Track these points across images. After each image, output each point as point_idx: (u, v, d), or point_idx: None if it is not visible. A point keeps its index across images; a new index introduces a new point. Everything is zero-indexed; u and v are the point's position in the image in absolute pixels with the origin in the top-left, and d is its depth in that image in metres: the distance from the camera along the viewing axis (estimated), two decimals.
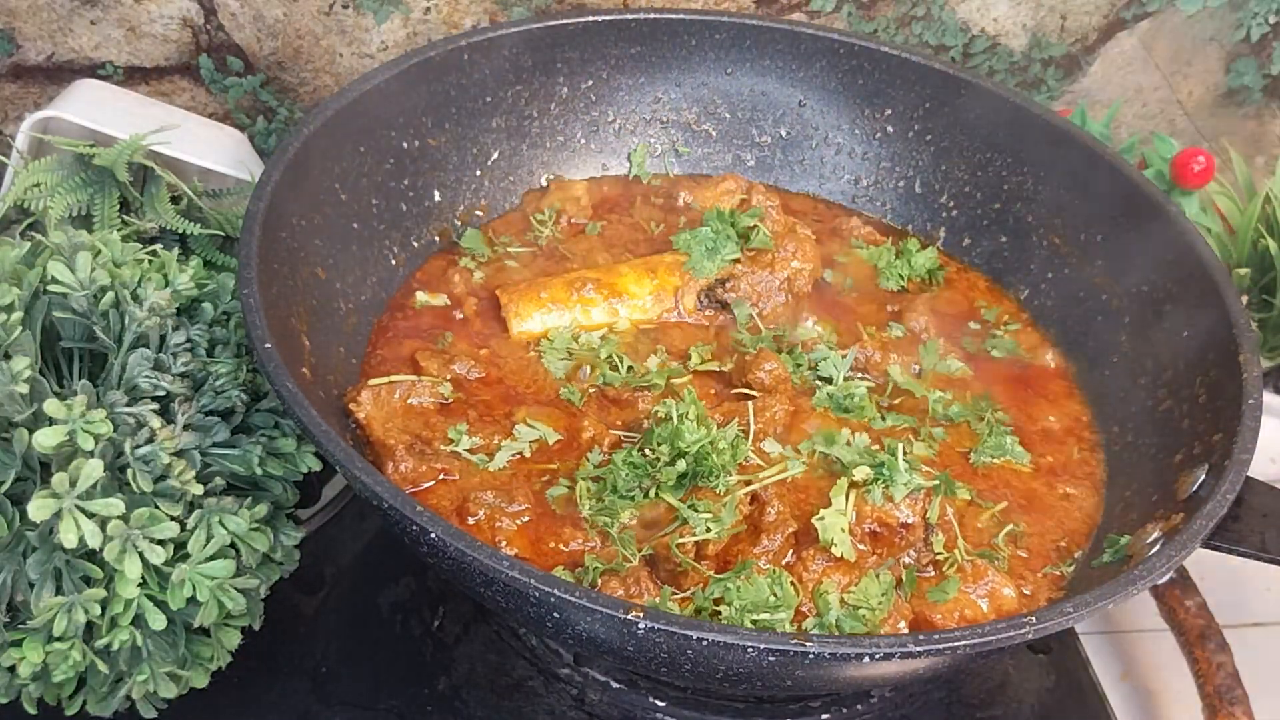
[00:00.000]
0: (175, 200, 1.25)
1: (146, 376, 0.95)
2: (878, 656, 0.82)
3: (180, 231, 1.23)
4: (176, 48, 1.50)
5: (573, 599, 0.81)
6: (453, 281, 1.29)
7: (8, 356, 0.91)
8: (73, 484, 0.84)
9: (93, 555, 0.87)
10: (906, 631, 1.01)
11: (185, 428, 0.95)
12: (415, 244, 1.32)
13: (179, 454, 0.93)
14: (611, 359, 1.21)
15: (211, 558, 0.91)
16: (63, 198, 1.18)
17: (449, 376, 1.17)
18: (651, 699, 1.11)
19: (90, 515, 0.84)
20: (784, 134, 1.50)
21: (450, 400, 1.15)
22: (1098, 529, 1.14)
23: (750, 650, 0.81)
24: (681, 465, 1.05)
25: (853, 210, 1.50)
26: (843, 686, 1.11)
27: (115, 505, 0.85)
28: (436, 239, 1.34)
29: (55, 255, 0.98)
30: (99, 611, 0.87)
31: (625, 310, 1.27)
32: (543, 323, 1.24)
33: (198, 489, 0.92)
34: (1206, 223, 1.52)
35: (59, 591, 0.87)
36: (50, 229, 1.15)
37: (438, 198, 1.35)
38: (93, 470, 0.84)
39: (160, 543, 0.87)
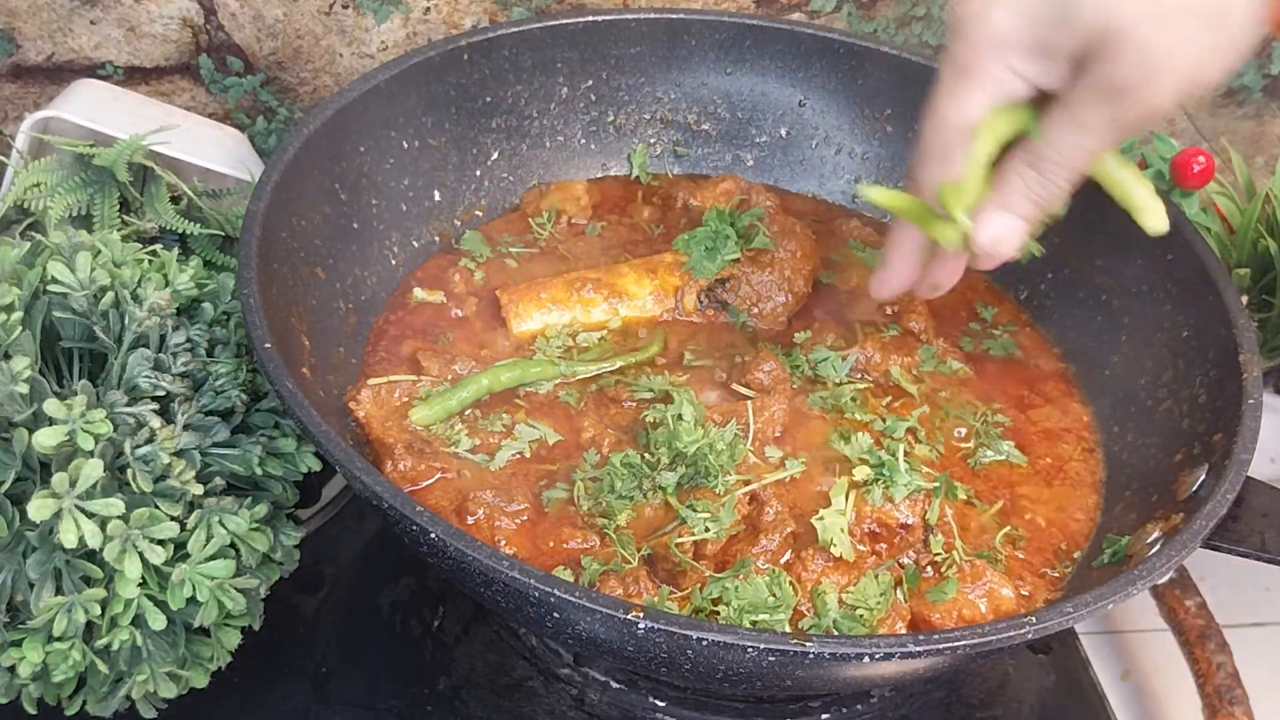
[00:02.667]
0: (175, 200, 1.25)
1: (146, 376, 0.95)
2: (878, 656, 0.82)
3: (180, 231, 1.23)
4: (176, 48, 1.50)
5: (573, 599, 0.81)
6: (453, 281, 1.29)
7: (8, 356, 0.91)
8: (73, 484, 0.84)
9: (93, 555, 0.87)
10: (905, 632, 1.01)
11: (185, 428, 0.95)
12: (415, 244, 1.32)
13: (179, 454, 0.93)
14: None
15: (211, 558, 0.91)
16: (63, 198, 1.18)
17: (449, 377, 1.17)
18: (651, 699, 1.11)
19: (90, 515, 0.84)
20: (784, 134, 1.50)
21: None
22: (1097, 529, 1.14)
23: (750, 650, 0.81)
24: (680, 469, 1.05)
25: (853, 211, 1.50)
26: (842, 686, 1.11)
27: (115, 505, 0.85)
28: (436, 239, 1.34)
29: (55, 255, 0.98)
30: (99, 611, 0.87)
31: (625, 310, 1.27)
32: (543, 323, 1.24)
33: (198, 489, 0.92)
34: (1206, 223, 1.52)
35: (59, 591, 0.87)
36: (50, 229, 1.15)
37: (438, 198, 1.35)
38: (93, 470, 0.84)
39: (160, 543, 0.87)
